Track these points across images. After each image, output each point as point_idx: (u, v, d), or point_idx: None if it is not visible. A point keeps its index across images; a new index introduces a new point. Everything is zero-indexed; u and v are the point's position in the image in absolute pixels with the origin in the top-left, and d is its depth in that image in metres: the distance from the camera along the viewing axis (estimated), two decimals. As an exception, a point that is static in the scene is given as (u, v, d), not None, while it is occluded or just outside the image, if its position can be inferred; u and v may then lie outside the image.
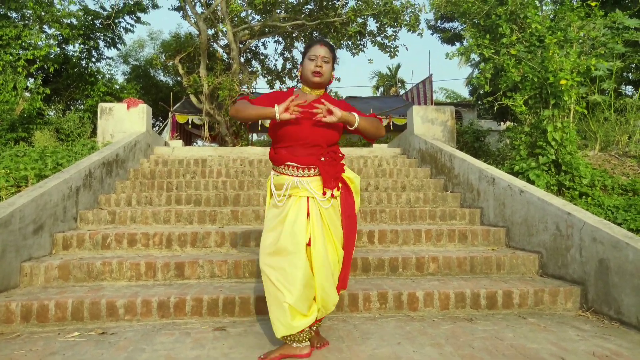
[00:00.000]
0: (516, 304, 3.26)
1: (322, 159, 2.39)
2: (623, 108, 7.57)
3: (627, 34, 6.76)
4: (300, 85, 2.56)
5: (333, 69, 2.50)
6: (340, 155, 2.50)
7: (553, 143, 5.33)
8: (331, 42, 2.55)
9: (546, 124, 5.44)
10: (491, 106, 7.33)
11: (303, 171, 2.38)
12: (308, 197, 2.38)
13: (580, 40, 6.50)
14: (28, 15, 11.14)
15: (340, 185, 2.45)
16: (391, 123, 15.06)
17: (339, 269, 2.46)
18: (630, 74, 11.29)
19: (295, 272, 2.22)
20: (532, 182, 5.18)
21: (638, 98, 8.01)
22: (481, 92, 8.86)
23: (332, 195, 2.41)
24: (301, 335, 2.31)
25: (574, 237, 3.47)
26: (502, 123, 14.48)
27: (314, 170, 2.39)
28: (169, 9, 13.88)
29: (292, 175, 2.38)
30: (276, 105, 2.26)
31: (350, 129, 2.40)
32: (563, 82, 5.28)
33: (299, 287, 2.21)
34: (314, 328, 2.51)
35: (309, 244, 2.33)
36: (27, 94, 10.08)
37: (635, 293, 2.86)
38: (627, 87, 12.31)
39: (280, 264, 2.25)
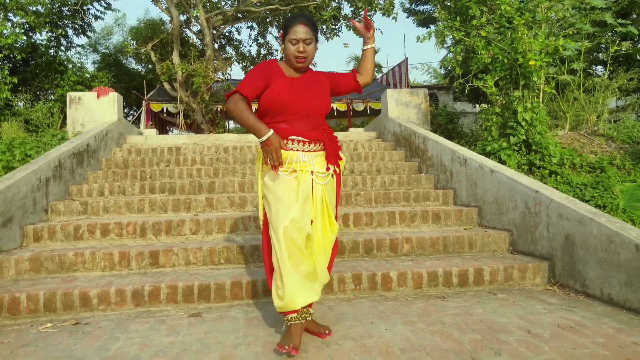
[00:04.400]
0: (487, 281, 3.35)
1: (325, 134, 2.42)
2: (592, 88, 7.73)
3: (594, 14, 6.88)
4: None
5: (317, 43, 2.43)
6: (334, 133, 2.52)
7: (523, 123, 5.43)
8: (311, 17, 2.46)
9: (516, 105, 5.53)
10: (465, 88, 7.41)
11: (310, 145, 2.35)
12: (313, 174, 2.36)
13: (549, 21, 6.59)
14: (-8, 3, 10.77)
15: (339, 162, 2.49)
16: (368, 107, 15.10)
17: (331, 248, 2.52)
18: (600, 53, 11.51)
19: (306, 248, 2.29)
20: (504, 162, 5.29)
21: (607, 77, 8.19)
22: (453, 74, 8.94)
23: (335, 172, 2.46)
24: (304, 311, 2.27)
25: (542, 214, 3.56)
26: (476, 105, 14.66)
27: (320, 145, 2.38)
28: (139, -6, 13.55)
29: (298, 150, 2.32)
30: (270, 133, 2.21)
31: (365, 48, 2.59)
32: (532, 62, 5.37)
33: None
34: (309, 317, 2.33)
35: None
36: (-6, 85, 9.78)
37: (599, 266, 2.97)
38: (597, 67, 12.55)
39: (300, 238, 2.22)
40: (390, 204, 4.92)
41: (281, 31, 2.44)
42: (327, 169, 2.40)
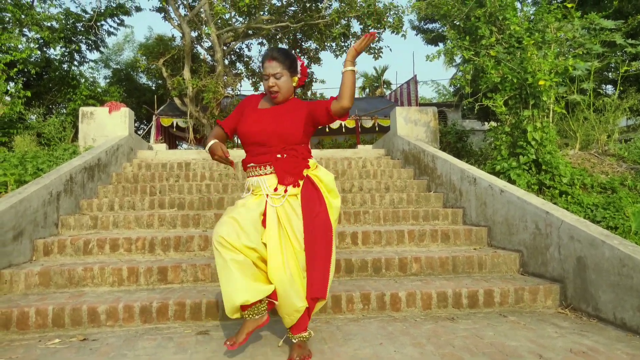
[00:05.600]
0: (497, 303, 3.31)
1: (278, 155, 2.37)
2: (602, 107, 7.70)
3: (603, 34, 6.89)
4: None
5: (295, 73, 2.48)
6: (304, 153, 2.44)
7: (533, 143, 5.41)
8: (283, 50, 2.53)
9: (526, 124, 5.52)
10: (474, 106, 7.42)
11: (260, 169, 2.40)
12: (267, 197, 2.37)
13: (558, 41, 6.61)
14: (7, 19, 10.99)
15: (301, 183, 2.39)
16: (376, 124, 15.15)
17: (301, 274, 2.32)
18: (609, 73, 11.49)
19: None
20: (514, 182, 5.26)
21: (617, 97, 8.16)
22: (462, 92, 8.95)
23: (285, 191, 2.34)
24: (257, 307, 2.28)
25: (553, 235, 3.53)
26: (486, 123, 14.64)
27: (270, 168, 2.38)
28: (150, 10, 13.77)
29: (253, 176, 2.43)
30: (211, 142, 2.45)
31: (343, 70, 2.38)
32: (542, 82, 5.37)
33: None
34: (294, 340, 2.40)
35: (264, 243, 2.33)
36: (8, 98, 9.94)
37: (612, 290, 2.93)
38: (607, 86, 12.53)
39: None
40: (399, 223, 4.90)
41: None
42: (276, 189, 2.36)
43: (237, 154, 7.31)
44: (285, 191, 2.35)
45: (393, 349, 2.51)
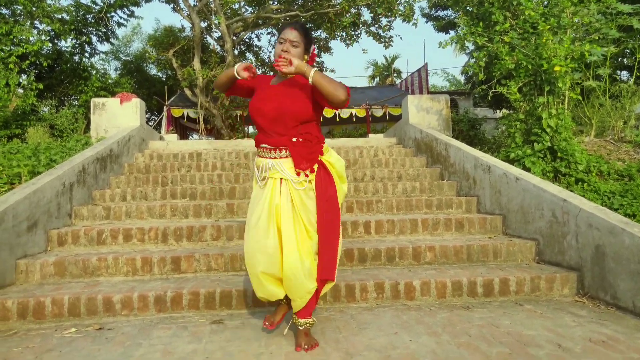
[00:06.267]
0: (513, 291, 3.27)
1: (294, 139, 2.36)
2: (618, 93, 7.55)
3: (620, 19, 6.74)
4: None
5: (307, 53, 2.46)
6: (318, 136, 2.44)
7: (548, 130, 5.32)
8: (306, 27, 2.47)
9: (541, 111, 5.43)
10: (487, 94, 7.31)
11: (275, 152, 2.39)
12: (282, 180, 2.37)
13: (574, 27, 6.48)
14: (19, 11, 11.03)
15: (315, 167, 2.39)
16: (387, 113, 15.04)
17: (313, 256, 2.35)
18: (625, 59, 11.27)
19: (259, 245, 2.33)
20: (528, 170, 5.19)
21: (633, 83, 8.00)
22: (475, 79, 8.81)
23: (306, 176, 2.36)
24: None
25: (570, 223, 3.47)
26: (498, 110, 14.47)
27: (286, 152, 2.37)
28: (159, 1, 13.73)
29: (267, 157, 2.42)
30: (237, 65, 2.42)
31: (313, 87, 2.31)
32: (557, 68, 5.27)
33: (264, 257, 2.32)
34: (301, 327, 2.40)
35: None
36: (20, 91, 10.00)
37: (631, 278, 2.87)
38: (622, 72, 12.29)
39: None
40: (412, 211, 4.86)
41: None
42: (298, 174, 2.36)
43: (249, 144, 7.30)
44: (307, 176, 2.36)
45: (408, 338, 2.48)
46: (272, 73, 14.69)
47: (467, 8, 6.68)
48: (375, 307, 3.11)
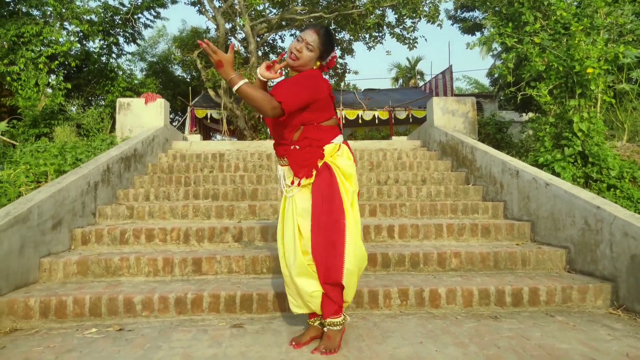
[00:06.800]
0: (543, 301, 3.14)
1: (292, 147, 2.36)
2: (652, 97, 7.29)
3: (657, 19, 6.50)
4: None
5: (322, 60, 2.41)
6: (317, 139, 2.35)
7: (579, 134, 5.15)
8: (329, 34, 2.42)
9: (572, 114, 5.26)
10: (513, 97, 7.14)
11: (282, 160, 2.45)
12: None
13: (608, 27, 6.27)
14: (49, 13, 11.25)
15: (314, 172, 2.34)
16: (410, 115, 14.87)
17: (310, 259, 2.31)
18: (659, 61, 10.90)
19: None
20: (558, 175, 5.02)
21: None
22: (500, 82, 8.61)
23: (299, 184, 2.35)
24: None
25: (604, 231, 3.33)
26: (524, 114, 14.17)
27: (286, 160, 2.41)
28: (185, 3, 13.86)
29: (279, 165, 2.51)
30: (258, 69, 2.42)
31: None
32: (590, 70, 5.09)
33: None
34: (326, 329, 2.37)
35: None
36: (49, 90, 10.20)
37: (671, 291, 2.72)
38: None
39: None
40: (436, 216, 4.75)
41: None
42: (292, 182, 2.40)
43: (271, 145, 7.29)
44: (299, 184, 2.37)
45: (434, 349, 2.40)
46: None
47: (496, 8, 6.52)
48: (399, 314, 3.02)
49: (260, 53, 13.95)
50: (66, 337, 2.62)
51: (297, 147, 2.34)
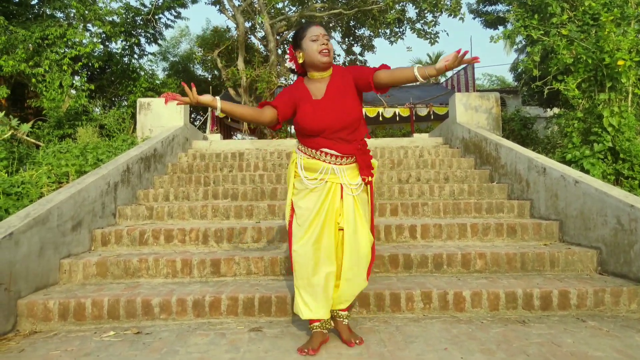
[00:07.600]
0: (573, 305, 3.00)
1: (361, 146, 2.43)
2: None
3: (692, 8, 6.21)
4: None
5: None
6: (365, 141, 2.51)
7: (609, 129, 4.96)
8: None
9: (602, 109, 5.06)
10: (538, 92, 6.93)
11: (341, 159, 2.39)
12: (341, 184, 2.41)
13: (639, 18, 6.03)
14: (72, 15, 11.41)
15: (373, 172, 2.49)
16: (431, 112, 14.66)
17: (370, 255, 2.48)
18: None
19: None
20: (587, 172, 4.84)
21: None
22: (524, 76, 8.38)
23: (366, 183, 2.45)
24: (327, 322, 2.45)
25: (639, 231, 3.17)
26: (549, 109, 13.81)
27: (351, 159, 2.41)
28: (205, 3, 13.92)
29: (329, 163, 2.39)
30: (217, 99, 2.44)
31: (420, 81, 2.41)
32: (620, 62, 4.89)
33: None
34: (345, 321, 2.51)
35: (341, 229, 2.39)
36: (73, 92, 10.34)
37: None
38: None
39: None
40: (460, 215, 4.62)
41: (291, 44, 2.49)
42: (364, 180, 2.44)
43: (291, 144, 7.21)
44: (368, 183, 2.46)
45: (460, 356, 2.29)
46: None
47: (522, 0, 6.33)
48: (422, 318, 2.93)
49: (279, 51, 13.91)
50: (84, 341, 2.60)
51: (360, 146, 2.43)
